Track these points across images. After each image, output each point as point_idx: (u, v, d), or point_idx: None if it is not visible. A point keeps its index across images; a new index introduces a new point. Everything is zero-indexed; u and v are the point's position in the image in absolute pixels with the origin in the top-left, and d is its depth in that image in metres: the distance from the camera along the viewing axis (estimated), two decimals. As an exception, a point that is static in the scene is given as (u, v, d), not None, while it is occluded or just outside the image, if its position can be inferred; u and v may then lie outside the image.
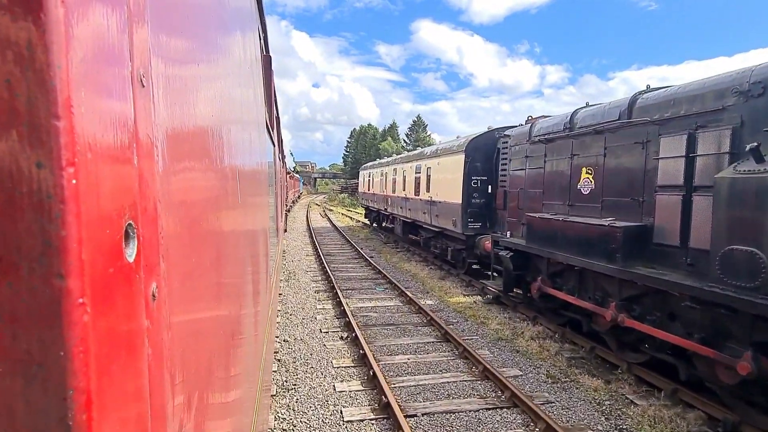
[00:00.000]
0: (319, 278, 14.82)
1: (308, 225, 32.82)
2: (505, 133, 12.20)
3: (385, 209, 25.18)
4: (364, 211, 43.14)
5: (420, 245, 19.80)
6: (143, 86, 0.66)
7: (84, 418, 0.44)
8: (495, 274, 11.96)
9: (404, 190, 20.87)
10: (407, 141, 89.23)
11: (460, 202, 13.87)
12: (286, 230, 24.84)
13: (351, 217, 41.05)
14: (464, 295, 12.71)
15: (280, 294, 11.10)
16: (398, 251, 20.76)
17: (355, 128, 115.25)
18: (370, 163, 34.98)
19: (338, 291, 12.38)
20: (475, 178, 13.81)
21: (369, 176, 31.79)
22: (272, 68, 5.64)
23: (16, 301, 0.43)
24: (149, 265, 0.64)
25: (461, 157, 14.12)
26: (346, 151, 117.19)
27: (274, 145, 6.41)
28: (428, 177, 17.56)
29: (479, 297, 12.54)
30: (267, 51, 5.06)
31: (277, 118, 8.67)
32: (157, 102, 0.73)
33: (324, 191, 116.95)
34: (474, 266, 14.60)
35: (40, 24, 0.43)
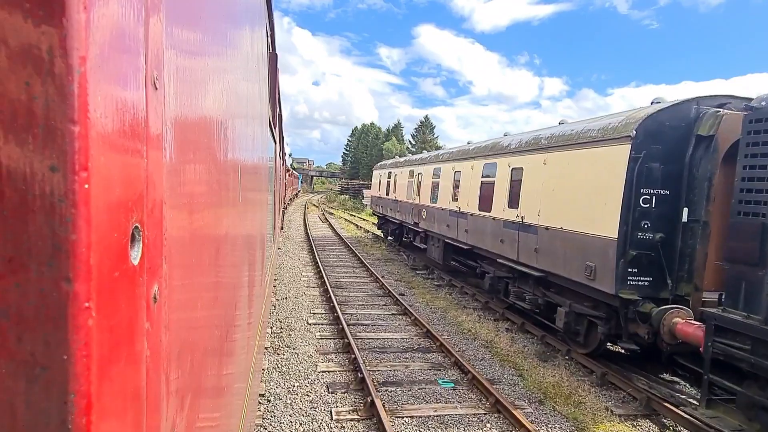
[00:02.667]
0: (332, 346, 8.55)
1: (306, 232, 26.47)
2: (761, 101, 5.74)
3: (415, 223, 18.28)
4: (370, 217, 36.85)
5: (471, 278, 14.25)
6: (156, 88, 0.66)
7: (84, 421, 0.45)
8: (709, 391, 5.99)
9: (456, 200, 14.10)
10: (412, 142, 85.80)
11: (615, 235, 7.27)
12: (282, 228, 24.48)
13: (357, 225, 33.74)
14: (621, 419, 6.50)
15: (262, 395, 6.39)
16: (438, 286, 14.56)
17: (356, 127, 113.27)
18: (391, 161, 26.24)
19: (373, 394, 6.38)
20: (647, 191, 7.21)
21: (389, 177, 23.75)
22: (278, 66, 5.65)
23: (23, 303, 0.44)
24: (152, 267, 0.64)
25: (622, 150, 7.34)
26: (346, 150, 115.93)
27: (276, 143, 6.41)
28: (515, 184, 10.51)
29: (650, 424, 6.43)
30: (273, 48, 5.06)
31: (280, 115, 8.68)
32: (167, 102, 0.74)
33: (320, 190, 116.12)
34: (617, 347, 8.77)
35: (61, 29, 0.43)
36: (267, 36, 3.91)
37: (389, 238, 24.22)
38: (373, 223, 32.45)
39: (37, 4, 0.42)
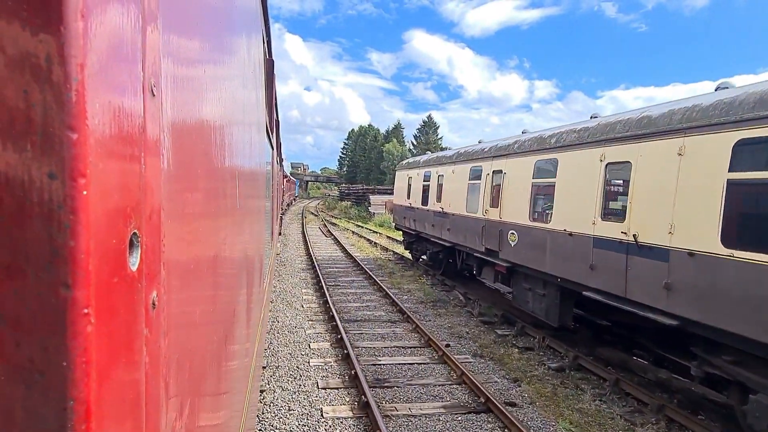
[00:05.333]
0: None
1: (308, 252, 20.65)
2: None
3: (489, 250, 11.28)
4: (381, 228, 32.95)
5: (598, 344, 8.75)
6: (153, 95, 0.67)
7: (83, 428, 0.45)
8: None
9: (619, 219, 7.33)
10: (415, 143, 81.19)
11: None
12: (281, 233, 24.10)
13: (369, 240, 26.72)
14: None
15: None
16: (557, 371, 8.07)
17: (353, 129, 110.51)
18: (429, 156, 18.20)
19: None
20: None
21: (426, 179, 16.73)
22: (274, 72, 5.67)
23: (22, 309, 0.44)
24: (151, 273, 0.65)
25: None
26: (343, 154, 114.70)
27: (273, 149, 6.42)
28: None
29: None
30: (270, 55, 5.08)
31: (277, 121, 8.70)
32: (165, 109, 0.74)
33: (316, 195, 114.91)
34: None
35: (59, 37, 0.43)
36: (263, 42, 3.92)
37: (422, 259, 17.73)
38: (389, 237, 27.20)
39: (34, 12, 0.43)
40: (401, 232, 21.01)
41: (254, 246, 3.00)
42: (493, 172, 11.56)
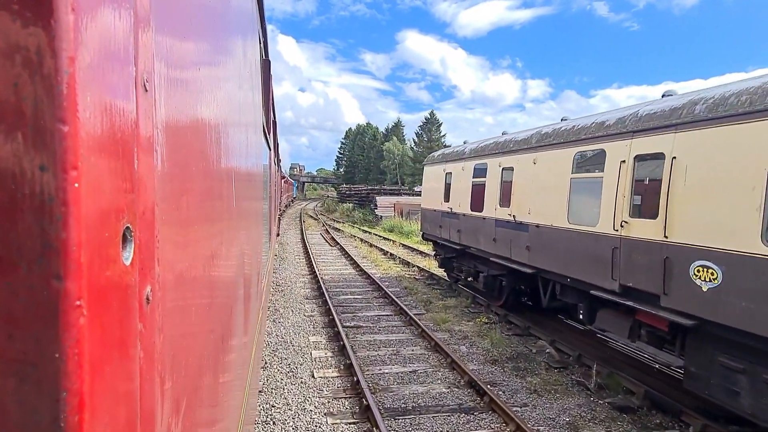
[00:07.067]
0: None
1: (312, 269, 16.78)
2: None
3: (635, 288, 6.58)
4: (390, 234, 30.18)
5: None
6: (146, 90, 0.67)
7: (76, 419, 0.45)
8: None
9: None
10: (416, 140, 76.74)
11: None
12: (278, 234, 23.98)
13: (382, 249, 22.51)
14: None
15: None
16: None
17: (350, 128, 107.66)
18: (486, 142, 12.43)
19: None
20: None
21: (480, 175, 12.03)
22: (271, 72, 5.67)
23: (14, 301, 0.44)
24: (145, 268, 0.65)
25: None
26: (340, 154, 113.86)
27: (270, 149, 6.42)
28: None
29: None
30: (266, 55, 5.08)
31: (274, 122, 8.69)
32: (158, 105, 0.74)
33: (313, 197, 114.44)
34: None
35: (50, 30, 0.44)
36: (260, 43, 3.92)
37: (466, 280, 13.49)
38: (404, 246, 23.71)
39: (25, 5, 0.43)
40: (431, 244, 16.37)
41: (252, 245, 3.00)
42: (636, 158, 6.92)
